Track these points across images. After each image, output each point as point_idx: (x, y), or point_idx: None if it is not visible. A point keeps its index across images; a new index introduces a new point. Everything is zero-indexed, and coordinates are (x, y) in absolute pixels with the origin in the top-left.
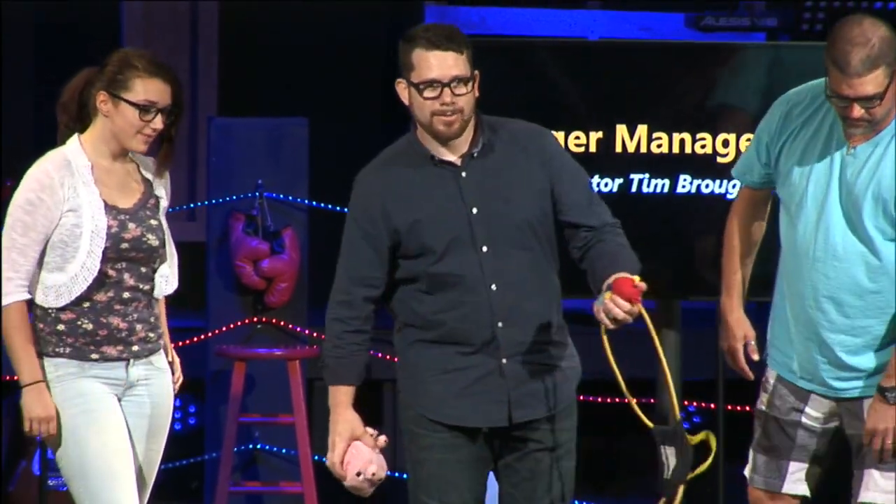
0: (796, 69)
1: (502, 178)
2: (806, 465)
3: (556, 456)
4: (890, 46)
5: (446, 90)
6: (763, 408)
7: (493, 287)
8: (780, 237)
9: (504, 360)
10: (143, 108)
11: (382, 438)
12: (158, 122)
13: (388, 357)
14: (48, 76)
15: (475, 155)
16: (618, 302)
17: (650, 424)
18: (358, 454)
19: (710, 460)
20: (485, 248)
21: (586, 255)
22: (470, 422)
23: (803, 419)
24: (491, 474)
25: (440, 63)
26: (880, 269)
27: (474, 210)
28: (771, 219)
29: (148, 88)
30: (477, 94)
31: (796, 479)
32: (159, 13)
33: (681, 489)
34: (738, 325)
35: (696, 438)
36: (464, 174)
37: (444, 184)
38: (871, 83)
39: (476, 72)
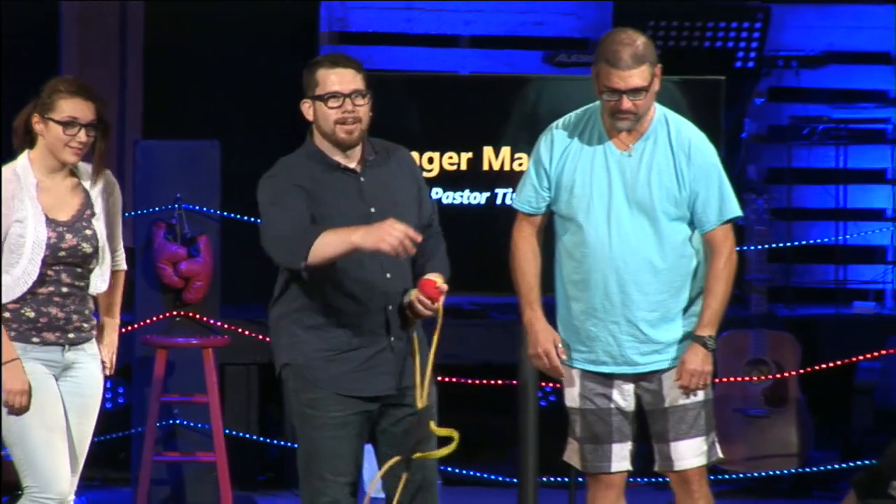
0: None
1: (391, 184)
2: (625, 444)
3: (428, 416)
4: (651, 49)
5: (347, 101)
6: (575, 405)
7: (388, 276)
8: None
9: (392, 339)
10: (67, 124)
11: None
12: (83, 136)
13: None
14: None
15: (369, 163)
16: (420, 299)
17: (421, 405)
18: None
19: (449, 450)
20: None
21: (418, 254)
22: (368, 391)
23: (613, 405)
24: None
25: (341, 78)
26: (669, 249)
27: (372, 209)
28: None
29: (70, 107)
30: (370, 112)
31: (620, 458)
32: (94, 52)
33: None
34: (546, 331)
35: (443, 431)
36: (362, 179)
37: (347, 186)
38: (639, 76)
39: (369, 91)
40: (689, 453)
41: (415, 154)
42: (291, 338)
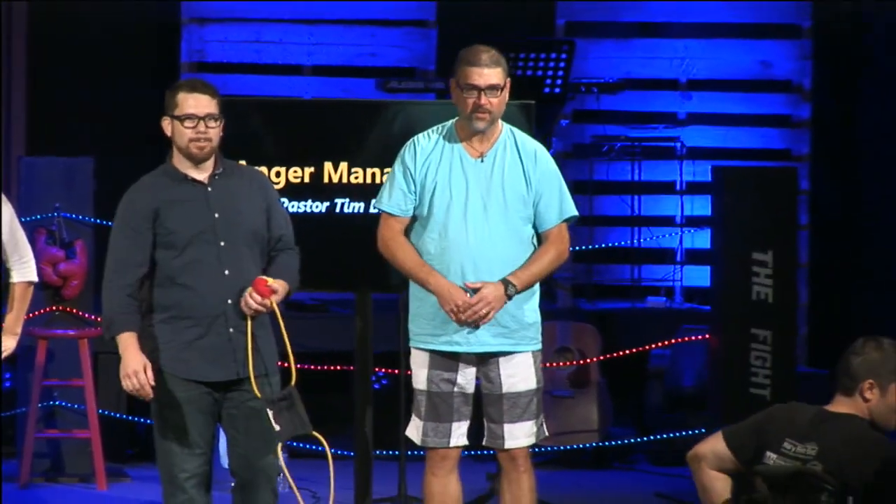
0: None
1: (237, 196)
2: (463, 423)
3: (284, 398)
4: (504, 60)
5: (201, 122)
6: (422, 387)
7: (227, 272)
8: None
9: (231, 330)
10: None
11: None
12: None
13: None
14: None
15: (217, 176)
16: (252, 295)
17: (259, 395)
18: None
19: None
20: (223, 243)
21: (271, 259)
22: (212, 377)
23: (455, 389)
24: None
25: (197, 102)
26: (518, 244)
27: (216, 215)
28: None
29: None
30: (221, 133)
31: (458, 435)
32: None
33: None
34: (454, 287)
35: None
36: (209, 189)
37: (195, 195)
38: (495, 76)
39: (222, 115)
40: (521, 434)
41: (263, 168)
42: (146, 329)
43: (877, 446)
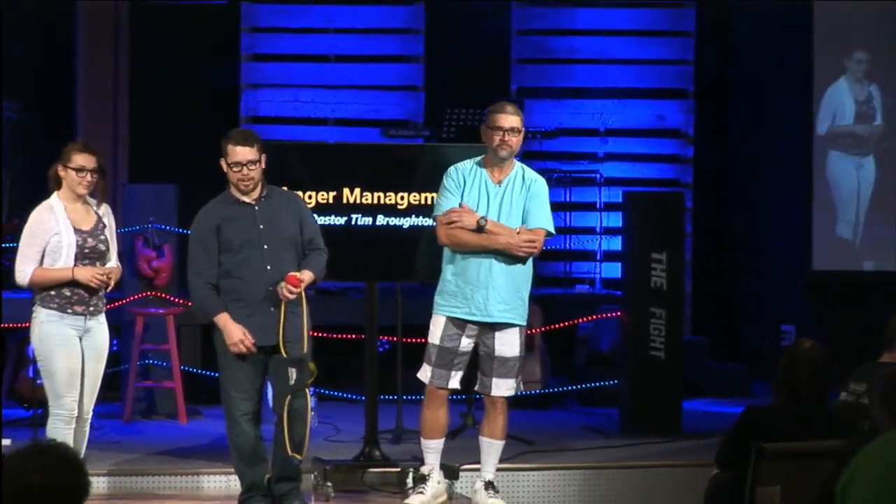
0: (440, 158)
1: (278, 214)
2: (459, 373)
3: (299, 359)
4: (521, 112)
5: (244, 168)
6: (436, 342)
7: (268, 268)
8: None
9: (272, 309)
10: (79, 170)
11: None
12: (89, 177)
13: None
14: None
15: (262, 199)
16: (285, 287)
17: (285, 355)
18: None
19: (312, 378)
20: (265, 247)
21: (305, 256)
22: (259, 342)
23: (459, 347)
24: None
25: (242, 154)
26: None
27: (261, 226)
28: None
29: (80, 160)
30: (263, 167)
31: (454, 381)
32: (99, 130)
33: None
34: (499, 226)
35: (313, 367)
36: (256, 208)
37: (245, 214)
38: (515, 121)
39: (264, 155)
40: (503, 387)
41: (300, 192)
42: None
43: None
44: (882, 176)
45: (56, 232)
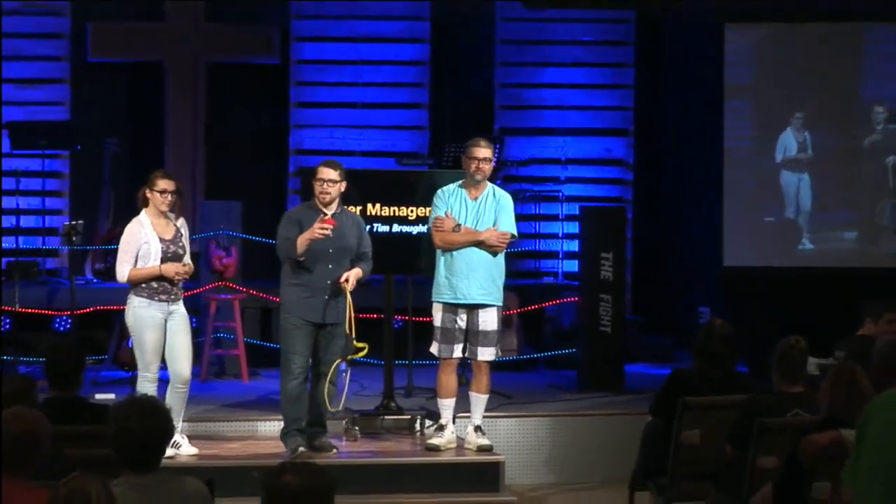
0: (438, 181)
1: (343, 226)
2: (459, 345)
3: (338, 334)
4: (492, 146)
5: (325, 184)
6: (439, 324)
7: (330, 266)
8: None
9: (326, 297)
10: (161, 192)
11: None
12: (170, 198)
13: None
14: None
15: (336, 214)
16: (340, 282)
17: (356, 344)
18: None
19: (361, 353)
20: (330, 251)
21: (357, 260)
22: (312, 319)
23: (456, 326)
24: None
25: (326, 173)
26: (497, 251)
27: (331, 234)
28: None
29: (163, 184)
30: (343, 188)
31: (457, 351)
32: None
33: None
34: (485, 233)
35: (360, 345)
36: (332, 217)
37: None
38: (487, 153)
39: (344, 182)
40: (486, 354)
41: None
42: (286, 292)
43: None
44: (816, 187)
45: (146, 241)
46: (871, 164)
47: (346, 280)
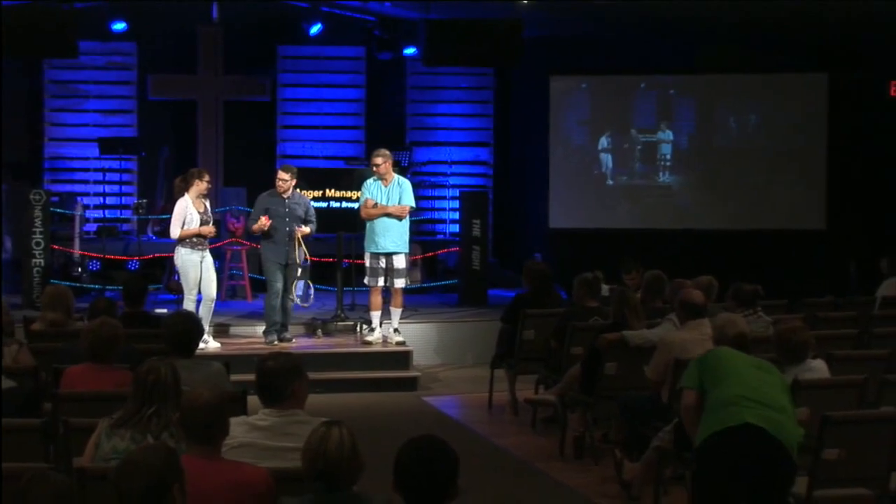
0: (366, 175)
1: (294, 202)
2: (381, 277)
3: (294, 269)
4: (389, 153)
5: (280, 182)
6: (368, 264)
7: (288, 229)
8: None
9: (287, 248)
10: (207, 182)
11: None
12: (210, 185)
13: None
14: None
15: (291, 196)
16: (298, 235)
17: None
18: None
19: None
20: (287, 219)
21: (306, 223)
22: (281, 261)
23: (379, 265)
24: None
25: (282, 174)
26: (403, 219)
27: (287, 209)
28: None
29: (206, 176)
30: (294, 182)
31: (380, 282)
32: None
33: None
34: (387, 209)
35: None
36: (286, 200)
37: (280, 203)
38: (379, 160)
39: (295, 179)
40: (399, 283)
41: (309, 191)
42: (264, 246)
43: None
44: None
45: (189, 213)
46: (647, 157)
47: (300, 233)
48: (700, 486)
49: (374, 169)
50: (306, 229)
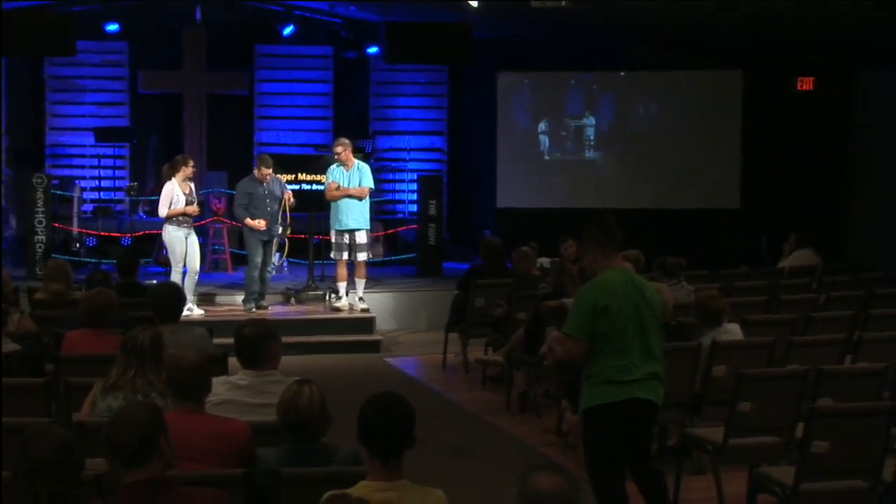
0: (331, 161)
1: (273, 185)
2: (346, 252)
3: (272, 245)
4: (348, 142)
5: (266, 172)
6: (335, 240)
7: (269, 208)
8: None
9: (270, 225)
10: (192, 167)
11: None
12: (194, 170)
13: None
14: None
15: (269, 182)
16: (286, 200)
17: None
18: None
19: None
20: (268, 200)
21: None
22: (264, 237)
23: (344, 241)
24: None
25: (266, 164)
26: (364, 199)
27: (266, 192)
28: None
29: (191, 162)
30: (270, 170)
31: (345, 254)
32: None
33: None
34: (347, 190)
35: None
36: (266, 185)
37: (260, 188)
38: (340, 148)
39: (272, 167)
40: (362, 256)
41: (285, 175)
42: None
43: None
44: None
45: (176, 194)
46: (576, 138)
47: (287, 196)
48: (592, 447)
49: (336, 156)
50: (290, 193)
